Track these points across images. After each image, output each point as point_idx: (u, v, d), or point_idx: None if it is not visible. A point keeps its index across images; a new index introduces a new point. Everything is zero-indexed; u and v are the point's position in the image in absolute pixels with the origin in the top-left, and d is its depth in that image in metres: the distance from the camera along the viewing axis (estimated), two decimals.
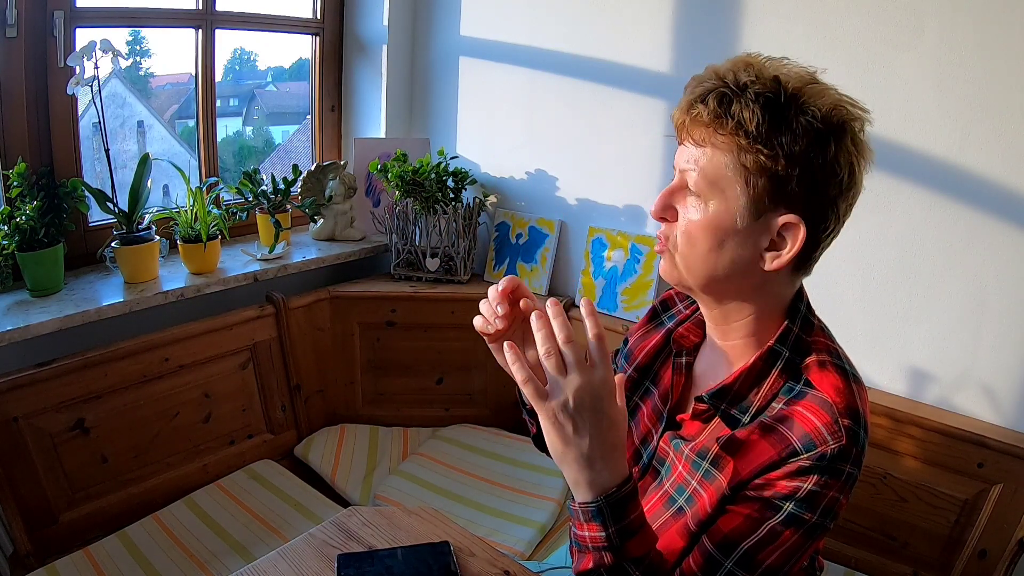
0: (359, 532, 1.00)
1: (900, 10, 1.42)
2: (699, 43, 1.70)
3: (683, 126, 0.78)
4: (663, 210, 0.81)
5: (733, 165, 0.74)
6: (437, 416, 2.11)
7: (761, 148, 0.72)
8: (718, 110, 0.74)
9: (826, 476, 0.72)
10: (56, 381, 1.50)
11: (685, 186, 0.79)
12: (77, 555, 1.48)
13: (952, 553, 1.43)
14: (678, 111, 0.79)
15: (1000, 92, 1.34)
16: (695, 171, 0.77)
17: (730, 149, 0.74)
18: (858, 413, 0.74)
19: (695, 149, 0.77)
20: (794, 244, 0.76)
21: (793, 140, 0.72)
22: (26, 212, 1.53)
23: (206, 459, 1.79)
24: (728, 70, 0.77)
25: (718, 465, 0.80)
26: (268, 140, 2.50)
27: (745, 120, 0.72)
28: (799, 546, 0.73)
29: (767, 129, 0.72)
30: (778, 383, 0.79)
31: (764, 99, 0.72)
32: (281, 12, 2.17)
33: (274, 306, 1.90)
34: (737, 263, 0.78)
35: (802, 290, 0.85)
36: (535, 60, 2.01)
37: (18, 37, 1.56)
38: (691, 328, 0.95)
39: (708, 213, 0.77)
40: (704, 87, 0.76)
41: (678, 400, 0.92)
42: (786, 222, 0.76)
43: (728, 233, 0.77)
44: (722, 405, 0.82)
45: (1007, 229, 1.38)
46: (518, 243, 2.12)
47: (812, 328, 0.83)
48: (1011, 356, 1.42)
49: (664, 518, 0.84)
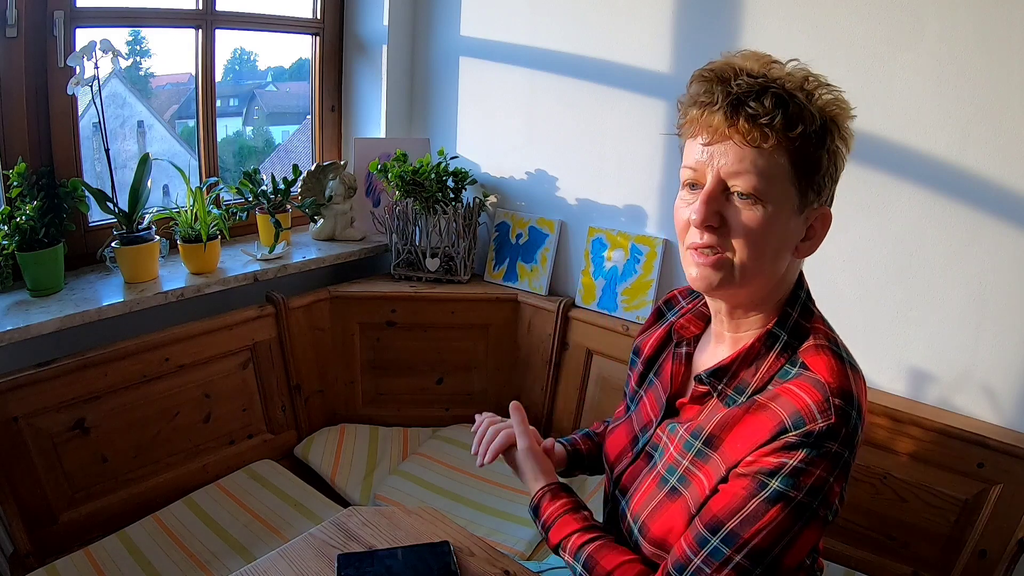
0: (359, 532, 1.00)
1: (900, 10, 1.42)
2: (699, 43, 1.70)
3: (730, 125, 0.75)
4: (711, 217, 0.77)
5: (788, 165, 0.75)
6: (437, 416, 2.11)
7: (815, 147, 0.75)
8: (776, 111, 0.73)
9: (812, 453, 0.72)
10: (56, 381, 1.50)
11: (724, 188, 0.77)
12: (77, 555, 1.48)
13: (952, 553, 1.43)
14: (711, 110, 0.76)
15: (1000, 92, 1.34)
16: (752, 172, 0.75)
17: (788, 147, 0.74)
18: (851, 395, 0.75)
19: (748, 149, 0.75)
20: (824, 232, 0.81)
21: (832, 139, 0.76)
22: (26, 212, 1.53)
23: (206, 459, 1.79)
24: (759, 68, 0.77)
25: (711, 445, 0.81)
26: (268, 140, 2.50)
27: (806, 122, 0.74)
28: (787, 527, 0.73)
29: (819, 129, 0.75)
30: (775, 365, 0.80)
31: (813, 101, 0.75)
32: (281, 12, 2.17)
33: (274, 306, 1.90)
34: (782, 258, 0.80)
35: (803, 279, 0.86)
36: (535, 60, 2.01)
37: (18, 37, 1.56)
38: (691, 319, 0.96)
39: (768, 214, 0.76)
40: (747, 85, 0.74)
41: (678, 388, 0.93)
42: (820, 213, 0.80)
43: (784, 231, 0.78)
44: (719, 385, 0.83)
45: (1007, 229, 1.38)
46: (518, 243, 2.12)
47: (812, 315, 0.84)
48: (1011, 356, 1.42)
49: (658, 499, 0.85)
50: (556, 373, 2.01)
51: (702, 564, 0.76)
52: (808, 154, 0.75)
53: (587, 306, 1.97)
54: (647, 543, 0.85)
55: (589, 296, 1.98)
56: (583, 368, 1.96)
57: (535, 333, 2.05)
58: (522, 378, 2.09)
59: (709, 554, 0.75)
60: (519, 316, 2.07)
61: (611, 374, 1.90)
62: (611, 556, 0.86)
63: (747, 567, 0.74)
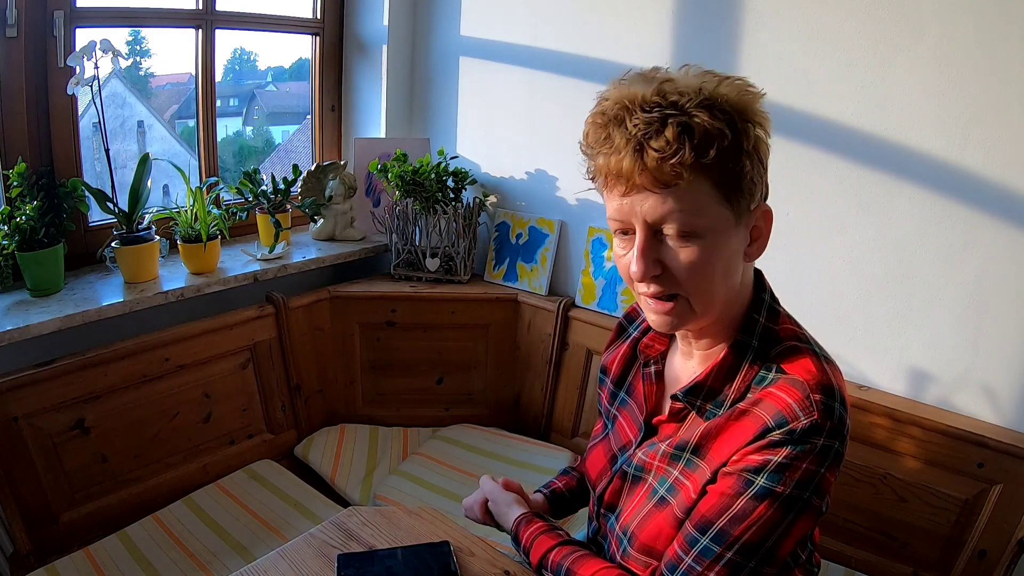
0: (359, 532, 1.00)
1: (899, 12, 1.42)
2: (699, 43, 1.70)
3: (640, 171, 0.71)
4: (651, 267, 0.75)
5: (711, 188, 0.72)
6: (437, 416, 2.11)
7: (733, 159, 0.72)
8: (682, 142, 0.69)
9: (797, 449, 0.72)
10: (56, 381, 1.50)
11: (656, 231, 0.74)
12: (77, 555, 1.48)
13: (952, 553, 1.43)
14: (618, 158, 0.72)
15: (999, 92, 1.34)
16: (676, 213, 0.72)
17: (705, 174, 0.71)
18: (831, 388, 0.74)
19: (664, 192, 0.71)
20: (769, 228, 0.79)
21: (747, 138, 0.73)
22: (26, 212, 1.53)
23: (206, 459, 1.79)
24: (651, 95, 0.72)
25: (699, 454, 0.81)
26: (268, 140, 2.50)
27: (717, 138, 0.70)
28: (777, 521, 0.73)
29: (732, 138, 0.71)
30: (750, 373, 0.80)
31: (715, 111, 0.70)
32: (281, 12, 2.17)
33: (274, 306, 1.90)
34: (735, 272, 0.79)
35: (762, 280, 0.86)
36: (535, 60, 2.01)
37: (18, 37, 1.56)
38: (655, 337, 0.95)
39: (707, 245, 0.74)
40: (645, 121, 0.70)
41: (653, 407, 0.92)
42: (760, 212, 0.78)
43: (728, 249, 0.76)
44: (697, 401, 0.83)
45: (1007, 229, 1.38)
46: (518, 243, 2.12)
47: (779, 316, 0.83)
48: (1011, 356, 1.42)
49: (647, 508, 0.85)
50: (556, 373, 2.01)
51: (693, 563, 0.76)
52: (728, 169, 0.71)
53: (587, 306, 1.97)
54: (635, 550, 0.85)
55: (589, 296, 1.98)
56: (583, 368, 1.96)
57: (535, 333, 2.05)
58: (522, 378, 2.09)
59: (700, 553, 0.76)
60: (519, 316, 2.07)
61: None
62: (589, 564, 0.88)
63: (739, 562, 0.74)
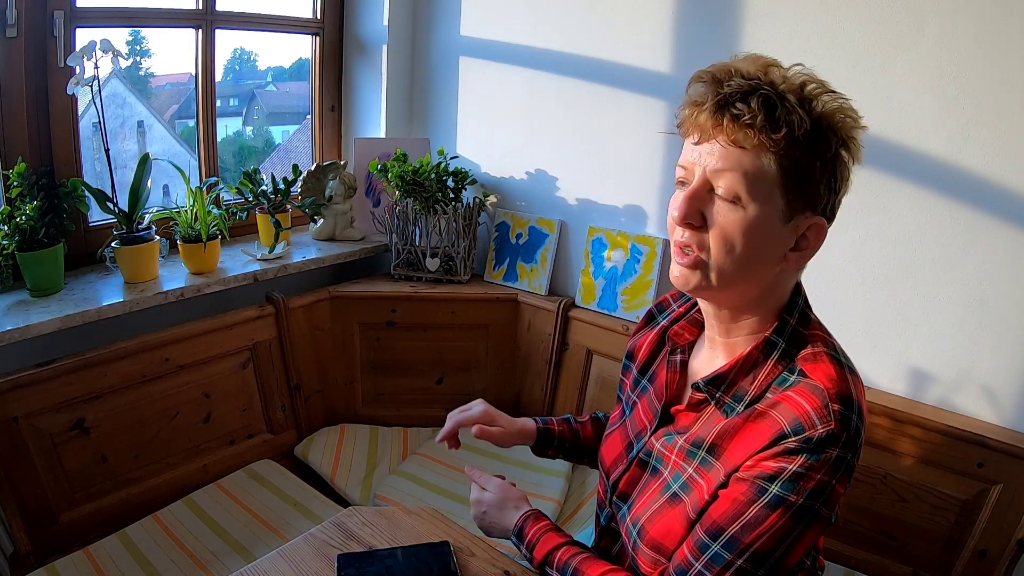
0: (359, 532, 1.00)
1: (900, 11, 1.42)
2: (699, 43, 1.70)
3: (715, 125, 0.75)
4: (691, 215, 0.77)
5: (775, 168, 0.74)
6: (437, 416, 2.08)
7: (804, 155, 0.73)
8: (765, 112, 0.72)
9: (812, 458, 0.72)
10: (56, 381, 1.50)
11: (710, 188, 0.77)
12: (77, 555, 1.48)
13: (952, 553, 1.43)
14: (700, 109, 0.76)
15: (1000, 92, 1.34)
16: (735, 173, 0.74)
17: (774, 152, 0.73)
18: (851, 399, 0.74)
19: (732, 150, 0.74)
20: (818, 244, 0.79)
21: (827, 147, 0.74)
22: (26, 212, 1.53)
23: (206, 459, 1.79)
24: (755, 70, 0.76)
25: (714, 453, 0.81)
26: (268, 140, 2.50)
27: (794, 125, 0.72)
28: (788, 530, 0.73)
29: (811, 136, 0.73)
30: (773, 373, 0.80)
31: (805, 106, 0.73)
32: (281, 12, 2.17)
33: (274, 306, 1.90)
34: (766, 265, 0.79)
35: (799, 286, 0.86)
36: (535, 60, 2.01)
37: (18, 37, 1.56)
38: (686, 326, 0.95)
39: (748, 217, 0.75)
40: (738, 86, 0.74)
41: (673, 396, 0.92)
42: (812, 223, 0.78)
43: (767, 236, 0.77)
44: (717, 393, 0.83)
45: (1007, 229, 1.38)
46: (518, 243, 2.12)
47: (809, 322, 0.84)
48: (1011, 356, 1.42)
49: (659, 503, 0.85)
50: (556, 373, 2.01)
51: (703, 568, 0.76)
52: (797, 159, 0.73)
53: (587, 306, 1.97)
54: (644, 546, 0.85)
55: (589, 296, 1.98)
56: (583, 368, 1.96)
57: (535, 333, 2.05)
58: (522, 378, 2.09)
59: (710, 559, 0.75)
60: (519, 316, 2.07)
61: (611, 374, 1.90)
62: (596, 565, 0.88)
63: (748, 570, 0.74)
